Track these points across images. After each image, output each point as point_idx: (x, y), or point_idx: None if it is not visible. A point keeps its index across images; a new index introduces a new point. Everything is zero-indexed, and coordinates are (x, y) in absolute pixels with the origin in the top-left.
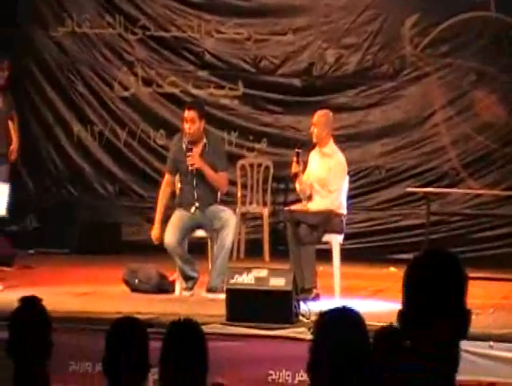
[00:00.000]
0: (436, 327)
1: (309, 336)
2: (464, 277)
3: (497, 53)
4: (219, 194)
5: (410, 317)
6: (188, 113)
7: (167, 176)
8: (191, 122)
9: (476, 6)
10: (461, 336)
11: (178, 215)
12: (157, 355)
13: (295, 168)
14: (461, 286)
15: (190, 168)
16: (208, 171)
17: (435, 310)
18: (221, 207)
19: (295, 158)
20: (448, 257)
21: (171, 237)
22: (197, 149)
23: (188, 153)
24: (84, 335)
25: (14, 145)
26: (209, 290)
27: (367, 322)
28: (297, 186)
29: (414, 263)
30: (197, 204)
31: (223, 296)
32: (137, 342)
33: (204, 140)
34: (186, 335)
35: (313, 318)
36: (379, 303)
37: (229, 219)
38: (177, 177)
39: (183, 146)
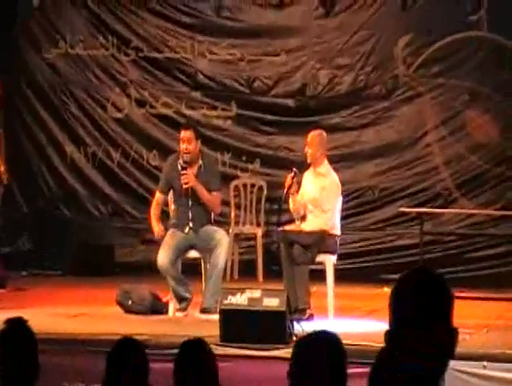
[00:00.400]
0: (423, 347)
1: None
2: (450, 296)
3: (490, 73)
4: (212, 214)
5: (397, 337)
6: (185, 133)
7: (158, 195)
8: (187, 142)
9: (469, 26)
10: (448, 355)
11: (171, 236)
12: (153, 375)
13: (288, 181)
14: (447, 305)
15: (184, 186)
16: (202, 191)
17: (423, 328)
18: (214, 228)
19: (291, 174)
20: (434, 276)
21: (164, 258)
22: (192, 170)
23: (183, 172)
24: (78, 356)
25: (2, 168)
26: (203, 311)
27: (360, 342)
28: (291, 205)
29: (400, 283)
30: (191, 225)
31: (217, 317)
32: (138, 364)
33: (200, 161)
34: (198, 354)
35: None
36: (373, 323)
37: (221, 240)
38: (171, 197)
39: (179, 166)
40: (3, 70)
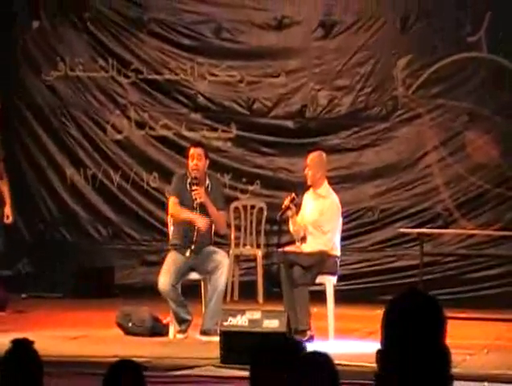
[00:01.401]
0: (415, 367)
1: None
2: (442, 317)
3: (489, 94)
4: (213, 236)
5: (389, 357)
6: (195, 150)
7: (173, 199)
8: (197, 159)
9: (469, 47)
10: (442, 376)
11: (172, 259)
12: None
13: (286, 203)
14: (439, 326)
15: (196, 201)
16: (212, 207)
17: (414, 350)
18: (215, 249)
19: (289, 197)
20: (426, 298)
21: (165, 281)
22: (201, 189)
23: (194, 188)
24: (78, 379)
25: (8, 208)
26: (203, 333)
27: (361, 363)
28: (291, 227)
29: (392, 304)
30: (193, 247)
31: (217, 338)
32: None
33: (207, 181)
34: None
35: None
36: (373, 344)
37: (221, 261)
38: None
39: (187, 184)
40: (2, 92)
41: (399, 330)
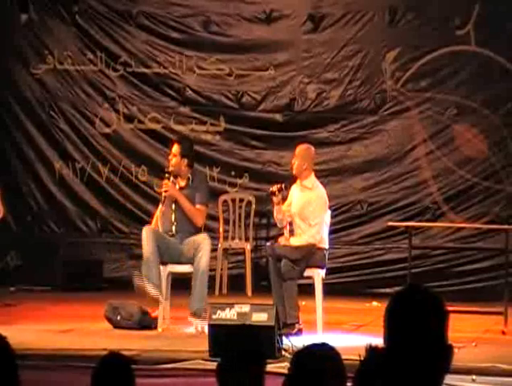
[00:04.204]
0: (418, 362)
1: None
2: (446, 313)
3: (478, 87)
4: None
5: (392, 352)
6: (172, 148)
7: None
8: (173, 156)
9: (457, 41)
10: (443, 371)
11: (147, 233)
12: None
13: (273, 189)
14: (443, 321)
15: (163, 194)
16: (184, 201)
17: (418, 345)
18: (195, 235)
19: (278, 186)
20: (429, 293)
21: (148, 249)
22: (179, 182)
23: (164, 181)
24: (67, 372)
25: (2, 215)
26: (193, 315)
27: (350, 357)
28: (274, 213)
29: (396, 298)
30: (173, 229)
31: (205, 322)
32: (124, 379)
33: (189, 175)
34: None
35: None
36: (362, 338)
37: (201, 243)
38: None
39: (166, 174)
40: None
41: (403, 326)
